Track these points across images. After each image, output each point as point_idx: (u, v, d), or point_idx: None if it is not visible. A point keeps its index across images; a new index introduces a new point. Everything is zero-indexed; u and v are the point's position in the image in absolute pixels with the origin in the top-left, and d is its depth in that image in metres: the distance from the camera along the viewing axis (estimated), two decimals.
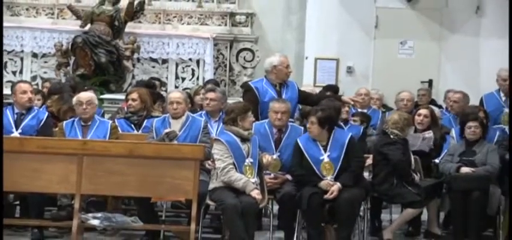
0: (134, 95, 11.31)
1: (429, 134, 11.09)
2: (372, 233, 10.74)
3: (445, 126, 11.92)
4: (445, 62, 16.20)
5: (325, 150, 9.94)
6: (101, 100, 14.44)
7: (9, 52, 17.11)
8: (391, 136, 10.55)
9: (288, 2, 17.40)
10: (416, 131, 11.26)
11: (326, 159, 9.90)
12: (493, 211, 10.37)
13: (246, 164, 9.65)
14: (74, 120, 10.75)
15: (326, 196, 9.67)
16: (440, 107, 13.30)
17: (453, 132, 11.49)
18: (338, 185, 9.69)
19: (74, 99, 10.99)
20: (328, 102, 10.82)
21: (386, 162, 10.36)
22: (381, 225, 10.99)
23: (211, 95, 11.41)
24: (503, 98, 12.12)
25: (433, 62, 16.14)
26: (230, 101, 12.02)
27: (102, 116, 12.04)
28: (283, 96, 11.15)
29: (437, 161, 11.16)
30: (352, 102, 11.97)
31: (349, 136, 10.18)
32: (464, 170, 10.42)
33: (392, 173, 10.34)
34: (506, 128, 11.37)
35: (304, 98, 11.48)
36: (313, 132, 9.97)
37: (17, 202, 10.87)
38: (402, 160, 10.33)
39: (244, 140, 9.75)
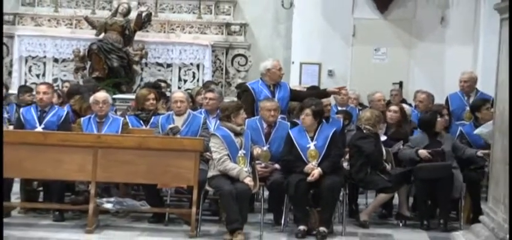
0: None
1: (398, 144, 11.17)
2: (350, 215, 10.77)
3: (414, 122, 11.93)
4: (413, 66, 16.20)
5: (312, 140, 9.98)
6: (114, 99, 14.39)
7: (33, 57, 17.08)
8: (364, 131, 10.62)
9: (277, 13, 17.40)
10: (387, 124, 11.36)
11: (312, 147, 9.94)
12: (457, 194, 10.39)
13: (239, 155, 9.65)
14: (90, 117, 10.75)
15: (308, 179, 9.69)
16: (410, 105, 13.30)
17: None
18: (319, 169, 9.73)
19: (91, 99, 10.99)
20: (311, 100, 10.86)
21: (360, 154, 10.42)
22: (358, 209, 11.01)
23: (210, 94, 11.40)
24: (465, 98, 12.15)
25: (403, 66, 16.14)
26: (226, 100, 12.00)
27: (115, 113, 12.01)
28: (277, 95, 11.21)
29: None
30: (337, 90, 12.16)
31: (333, 130, 10.23)
32: (422, 152, 10.42)
33: (366, 163, 10.42)
34: (467, 124, 11.34)
35: (295, 95, 11.49)
36: (307, 123, 10.03)
37: (41, 188, 10.87)
38: (374, 152, 10.39)
39: (237, 134, 9.75)
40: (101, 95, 11.11)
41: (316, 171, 9.73)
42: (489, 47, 12.88)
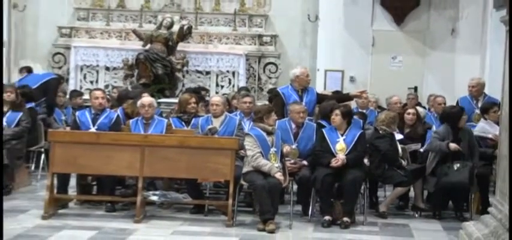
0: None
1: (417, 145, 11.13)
2: (370, 206, 10.68)
3: (428, 123, 11.90)
4: (427, 73, 16.12)
5: (342, 136, 10.02)
6: (158, 103, 14.43)
7: (87, 66, 17.15)
8: (380, 131, 10.59)
9: (304, 26, 17.36)
10: (404, 125, 11.29)
11: (341, 141, 9.97)
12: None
13: (270, 152, 9.63)
14: (138, 119, 10.76)
15: (332, 163, 9.76)
16: (424, 108, 13.24)
17: (434, 128, 11.49)
18: (343, 157, 9.78)
19: (138, 103, 11.02)
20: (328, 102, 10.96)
21: (377, 152, 10.37)
22: (378, 201, 10.95)
23: (248, 99, 11.45)
24: (474, 101, 12.05)
25: (418, 73, 16.06)
26: (258, 103, 11.97)
27: (160, 115, 12.01)
28: (304, 99, 11.18)
29: (421, 150, 11.12)
30: (359, 94, 12.28)
31: (361, 131, 10.35)
32: (452, 146, 10.31)
33: (383, 160, 10.36)
34: (476, 124, 11.25)
35: (321, 98, 11.47)
36: (336, 122, 10.09)
37: (94, 182, 10.89)
38: (390, 150, 10.35)
39: (269, 133, 9.73)
40: (147, 99, 11.15)
41: (341, 158, 9.77)
42: (495, 56, 12.75)
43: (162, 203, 10.48)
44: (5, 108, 11.78)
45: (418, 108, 12.43)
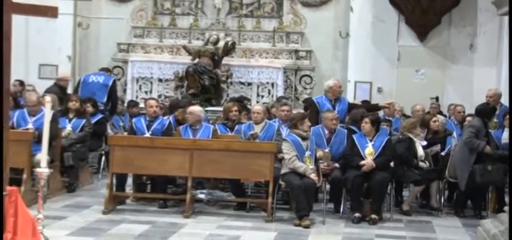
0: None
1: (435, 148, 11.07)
2: (396, 205, 10.63)
3: (448, 129, 11.81)
4: (447, 84, 15.98)
5: (370, 142, 9.99)
6: (206, 111, 14.47)
7: (142, 78, 17.24)
8: (400, 136, 10.66)
9: (336, 42, 17.31)
10: (428, 131, 11.20)
11: (370, 147, 9.94)
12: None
13: (306, 155, 9.61)
14: (187, 126, 10.79)
15: (362, 164, 9.74)
16: (445, 116, 13.17)
17: (454, 134, 11.42)
18: (372, 161, 9.75)
19: (187, 111, 11.06)
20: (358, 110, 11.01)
21: (396, 154, 10.33)
22: (402, 200, 10.90)
23: (286, 107, 11.44)
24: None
25: (439, 84, 15.93)
26: (294, 111, 11.94)
27: (208, 122, 12.06)
28: (337, 108, 11.15)
29: (442, 154, 11.10)
30: (387, 105, 12.39)
31: (388, 137, 10.35)
32: (487, 149, 10.25)
33: (400, 161, 10.35)
34: (493, 132, 11.12)
35: (352, 107, 11.45)
36: (366, 129, 10.07)
37: (148, 182, 10.96)
38: (404, 152, 10.34)
39: (304, 138, 9.72)
40: (195, 108, 11.18)
41: (369, 161, 9.75)
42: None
43: (208, 201, 10.51)
44: (70, 115, 11.90)
45: (440, 116, 12.41)
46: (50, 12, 6.55)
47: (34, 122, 10.83)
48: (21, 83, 14.80)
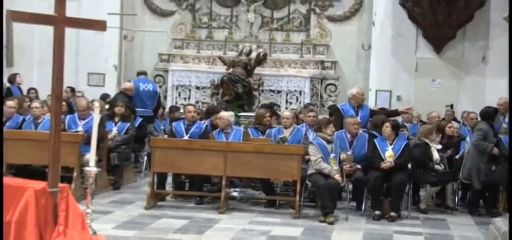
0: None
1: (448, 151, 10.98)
2: (414, 203, 10.59)
3: (462, 134, 11.71)
4: (461, 93, 15.84)
5: (390, 145, 9.96)
6: (239, 117, 14.52)
7: (181, 86, 17.30)
8: (417, 141, 10.59)
9: (358, 54, 17.24)
10: (443, 137, 11.11)
11: (390, 149, 9.91)
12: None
13: (330, 157, 9.59)
14: (219, 130, 10.80)
15: (382, 166, 9.72)
16: (459, 122, 13.07)
17: (468, 139, 11.31)
18: (392, 162, 9.74)
19: (218, 116, 11.11)
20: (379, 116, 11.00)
21: (412, 158, 10.28)
22: (419, 199, 10.82)
23: (312, 113, 11.46)
24: (502, 117, 11.81)
25: (454, 93, 15.79)
26: (320, 117, 11.91)
27: (239, 126, 12.07)
28: (360, 114, 11.13)
29: (456, 157, 11.01)
30: (406, 110, 12.49)
31: (406, 141, 10.33)
32: (495, 150, 10.27)
33: (416, 164, 10.29)
34: (502, 137, 11.00)
35: (373, 114, 11.43)
36: (387, 133, 10.04)
37: (187, 180, 10.98)
38: (420, 156, 10.25)
39: (329, 142, 9.70)
40: (224, 113, 11.24)
41: (389, 162, 9.73)
42: None
43: (241, 198, 10.53)
44: (116, 119, 11.98)
45: (454, 122, 12.33)
46: (99, 26, 6.60)
47: (83, 125, 10.93)
48: (72, 89, 14.94)
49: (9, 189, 6.37)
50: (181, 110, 13.79)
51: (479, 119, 11.47)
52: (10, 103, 11.56)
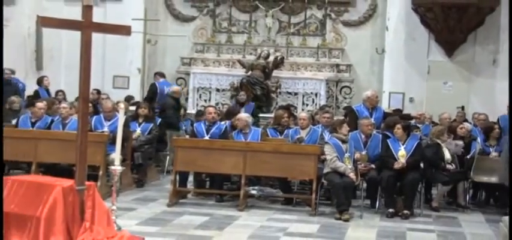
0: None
1: (460, 142, 10.83)
2: (426, 201, 10.53)
3: (473, 135, 11.62)
4: (472, 95, 15.72)
5: (402, 145, 9.93)
6: (258, 118, 14.51)
7: (202, 88, 17.29)
8: (429, 142, 10.57)
9: (372, 57, 17.16)
10: (455, 137, 11.03)
11: (402, 149, 9.88)
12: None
13: (345, 157, 9.55)
14: (238, 130, 10.79)
15: (395, 167, 9.68)
16: (469, 123, 12.98)
17: (478, 139, 11.23)
18: (404, 162, 9.71)
19: (236, 117, 11.11)
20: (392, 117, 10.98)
21: (425, 158, 10.23)
22: (431, 197, 10.75)
23: (327, 115, 11.44)
24: None
25: (464, 95, 15.68)
26: (335, 118, 11.87)
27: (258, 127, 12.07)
28: (374, 115, 11.12)
29: (468, 157, 10.92)
30: (418, 116, 12.41)
31: (418, 140, 10.28)
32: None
33: (429, 164, 10.24)
34: None
35: (387, 115, 11.42)
36: (398, 134, 10.00)
37: (207, 179, 10.97)
38: (432, 156, 10.20)
39: (343, 141, 9.67)
40: (242, 115, 11.25)
41: (402, 161, 9.70)
42: None
43: (259, 196, 10.52)
44: (140, 120, 12.02)
45: (465, 124, 12.24)
46: (124, 30, 6.64)
47: (109, 125, 10.97)
48: (98, 92, 15.00)
49: (38, 187, 6.41)
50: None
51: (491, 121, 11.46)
52: (40, 105, 11.63)
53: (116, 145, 7.19)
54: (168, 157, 12.80)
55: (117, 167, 7.12)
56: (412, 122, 11.87)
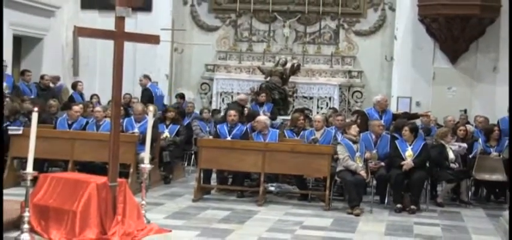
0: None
1: (463, 144, 10.75)
2: (431, 198, 10.45)
3: (475, 136, 11.54)
4: (474, 100, 15.60)
5: (410, 146, 9.87)
6: (276, 116, 14.52)
7: (225, 92, 17.30)
8: (434, 142, 10.54)
9: (382, 65, 17.08)
10: (457, 139, 10.96)
11: (409, 150, 9.82)
12: None
13: (356, 156, 9.53)
14: (258, 132, 10.77)
15: (404, 168, 9.61)
16: (472, 125, 12.88)
17: (480, 140, 11.12)
18: (411, 162, 9.64)
19: (255, 120, 11.10)
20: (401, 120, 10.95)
21: (430, 158, 10.14)
22: (437, 194, 10.67)
23: (340, 117, 11.39)
24: None
25: (467, 99, 15.55)
26: (347, 120, 11.80)
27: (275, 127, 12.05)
28: (383, 118, 11.10)
29: (470, 156, 10.82)
30: (424, 114, 12.43)
31: (424, 142, 10.23)
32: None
33: (433, 163, 10.17)
34: None
35: (396, 118, 11.39)
36: (406, 135, 9.95)
37: (230, 176, 10.94)
38: (437, 156, 10.15)
39: (354, 142, 9.64)
40: (261, 117, 11.21)
41: (409, 162, 9.63)
42: None
43: (277, 192, 10.51)
44: (167, 122, 12.05)
45: (468, 126, 12.18)
46: (153, 39, 6.67)
47: (139, 127, 10.99)
48: (129, 96, 15.03)
49: (74, 183, 6.46)
50: (222, 113, 13.91)
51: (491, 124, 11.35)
52: (76, 108, 11.69)
53: (146, 145, 7.22)
54: (193, 156, 12.82)
55: (146, 165, 7.14)
56: (418, 123, 11.79)
